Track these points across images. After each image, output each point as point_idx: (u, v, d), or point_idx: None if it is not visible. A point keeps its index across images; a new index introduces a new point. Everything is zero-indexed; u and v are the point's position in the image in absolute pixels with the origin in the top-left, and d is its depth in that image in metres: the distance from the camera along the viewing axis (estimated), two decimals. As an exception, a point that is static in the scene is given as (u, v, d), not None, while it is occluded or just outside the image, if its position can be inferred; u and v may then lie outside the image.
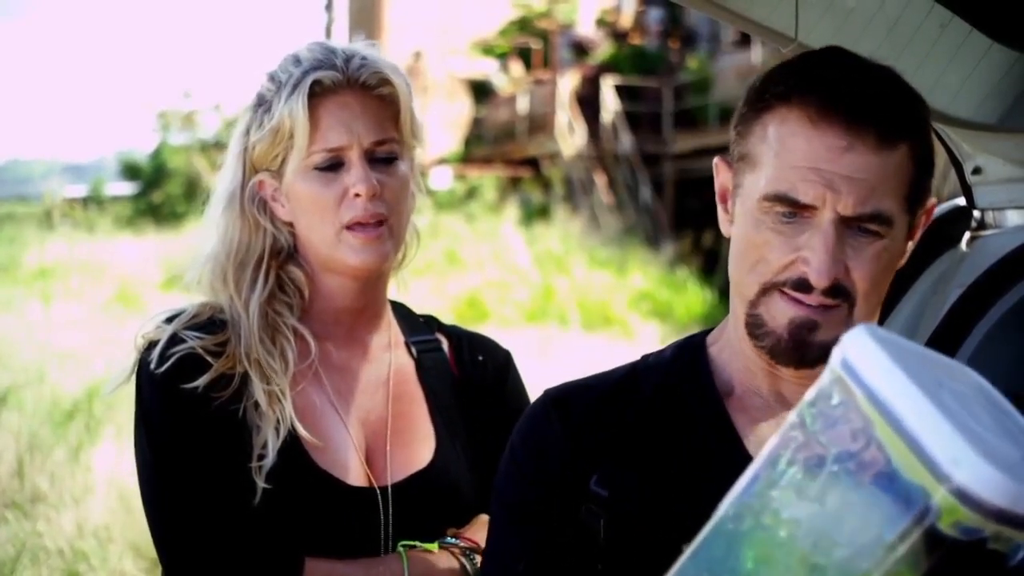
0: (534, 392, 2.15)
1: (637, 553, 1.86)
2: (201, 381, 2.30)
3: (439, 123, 33.79)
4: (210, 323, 2.39)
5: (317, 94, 2.34)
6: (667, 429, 1.93)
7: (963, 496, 1.29)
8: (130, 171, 42.65)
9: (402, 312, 2.61)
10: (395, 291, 2.59)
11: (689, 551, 1.47)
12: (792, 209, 1.80)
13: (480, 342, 2.66)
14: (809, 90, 1.80)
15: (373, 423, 2.45)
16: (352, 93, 2.36)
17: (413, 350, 2.55)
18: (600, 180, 30.00)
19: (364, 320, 2.49)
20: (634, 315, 20.36)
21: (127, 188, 41.90)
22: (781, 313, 1.84)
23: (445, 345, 2.60)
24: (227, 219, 2.43)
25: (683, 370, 1.98)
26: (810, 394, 1.43)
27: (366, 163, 2.35)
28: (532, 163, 32.45)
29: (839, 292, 1.81)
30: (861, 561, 1.34)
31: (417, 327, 2.60)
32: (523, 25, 38.91)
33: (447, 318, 2.79)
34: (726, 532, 1.43)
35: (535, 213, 28.61)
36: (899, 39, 2.60)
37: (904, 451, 1.33)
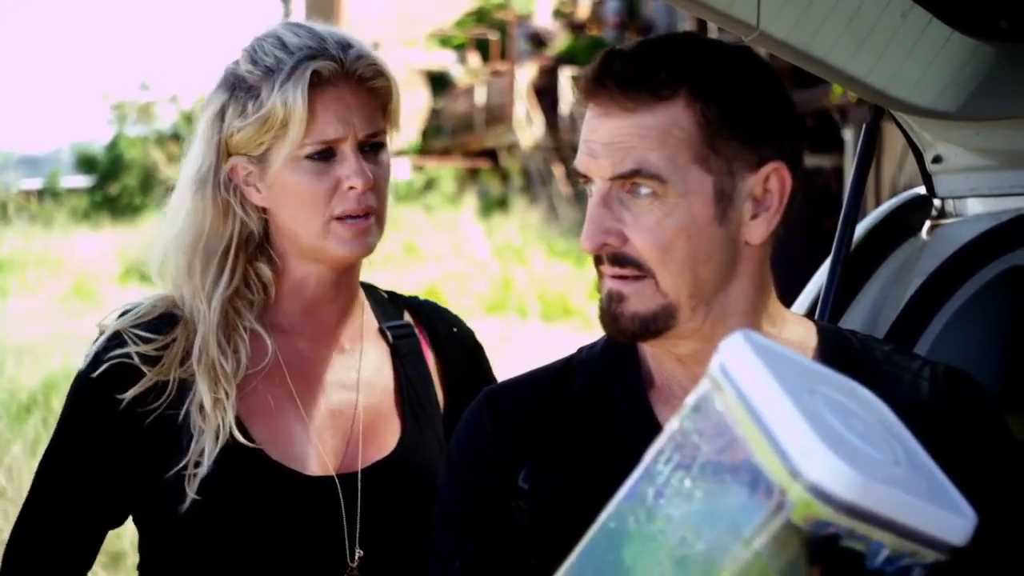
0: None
1: (560, 548, 1.86)
2: (129, 394, 2.30)
3: (397, 114, 33.66)
4: (159, 321, 2.35)
5: (314, 84, 2.28)
6: (593, 424, 1.94)
7: (814, 489, 1.32)
8: (86, 163, 42.38)
9: (374, 295, 2.57)
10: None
11: (577, 550, 1.51)
12: (583, 181, 1.86)
13: (445, 314, 2.64)
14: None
15: (343, 413, 2.42)
16: (348, 85, 2.32)
17: (389, 336, 2.52)
18: (558, 171, 30.02)
19: (335, 310, 2.45)
20: (593, 306, 20.34)
21: (83, 180, 41.63)
22: (602, 289, 1.88)
23: (415, 326, 2.57)
24: (196, 204, 2.37)
25: (612, 362, 1.99)
26: (691, 398, 1.46)
27: (359, 155, 2.32)
28: (490, 154, 32.48)
29: (626, 261, 1.82)
30: (720, 554, 1.37)
31: (389, 311, 2.56)
32: (480, 16, 38.88)
33: (407, 311, 2.77)
34: (608, 531, 1.48)
35: (494, 204, 28.63)
36: (860, 28, 2.60)
37: (763, 447, 1.36)
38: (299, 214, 2.33)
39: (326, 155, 2.31)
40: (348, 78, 2.32)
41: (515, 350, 14.59)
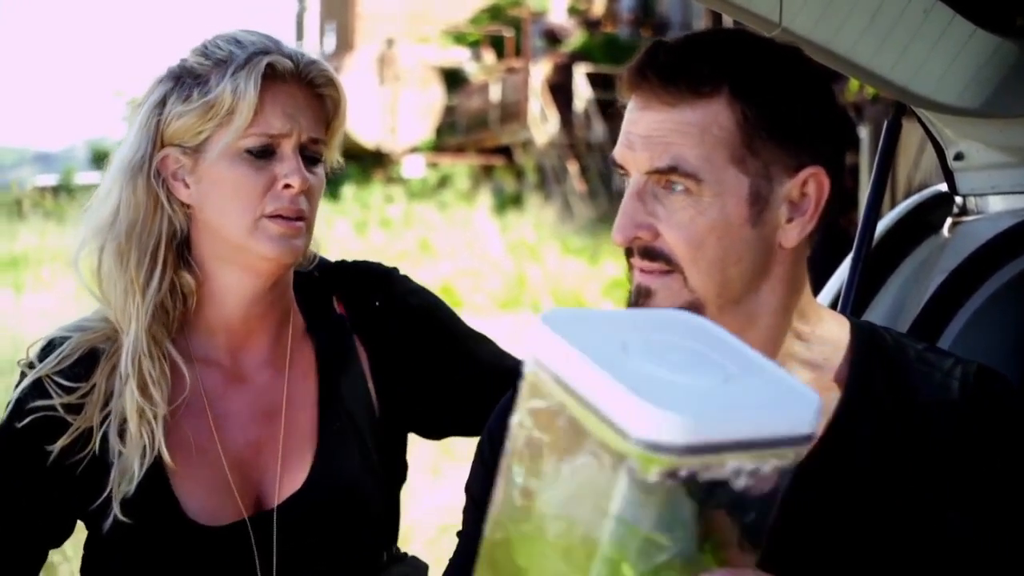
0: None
1: None
2: (57, 445, 2.27)
3: (411, 111, 33.72)
4: (78, 364, 2.32)
5: (268, 77, 2.26)
6: None
7: (647, 445, 1.33)
8: (101, 159, 42.20)
9: (301, 278, 2.48)
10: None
11: (477, 566, 1.51)
12: (620, 172, 1.87)
13: (369, 284, 2.53)
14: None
15: (266, 441, 2.37)
16: (299, 86, 2.30)
17: (315, 340, 2.45)
18: (573, 168, 30.01)
19: (260, 329, 2.39)
20: (607, 303, 20.37)
21: (98, 177, 41.58)
22: (632, 282, 1.87)
23: (341, 306, 2.49)
24: (128, 194, 2.33)
25: None
26: (521, 394, 1.47)
27: (299, 157, 2.28)
28: (505, 151, 32.45)
29: (656, 255, 1.82)
30: (596, 534, 1.38)
31: (320, 303, 2.48)
32: (495, 13, 38.89)
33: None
34: (495, 543, 1.49)
35: (508, 201, 28.62)
36: (883, 25, 2.59)
37: (592, 421, 1.38)
38: (229, 208, 2.28)
39: (266, 152, 2.27)
40: (300, 79, 2.30)
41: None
